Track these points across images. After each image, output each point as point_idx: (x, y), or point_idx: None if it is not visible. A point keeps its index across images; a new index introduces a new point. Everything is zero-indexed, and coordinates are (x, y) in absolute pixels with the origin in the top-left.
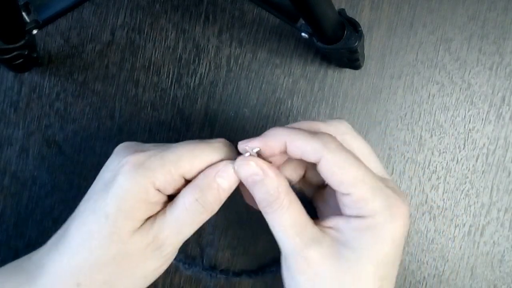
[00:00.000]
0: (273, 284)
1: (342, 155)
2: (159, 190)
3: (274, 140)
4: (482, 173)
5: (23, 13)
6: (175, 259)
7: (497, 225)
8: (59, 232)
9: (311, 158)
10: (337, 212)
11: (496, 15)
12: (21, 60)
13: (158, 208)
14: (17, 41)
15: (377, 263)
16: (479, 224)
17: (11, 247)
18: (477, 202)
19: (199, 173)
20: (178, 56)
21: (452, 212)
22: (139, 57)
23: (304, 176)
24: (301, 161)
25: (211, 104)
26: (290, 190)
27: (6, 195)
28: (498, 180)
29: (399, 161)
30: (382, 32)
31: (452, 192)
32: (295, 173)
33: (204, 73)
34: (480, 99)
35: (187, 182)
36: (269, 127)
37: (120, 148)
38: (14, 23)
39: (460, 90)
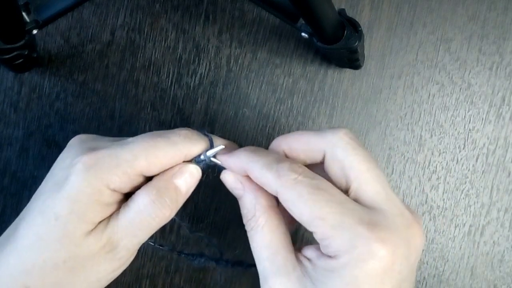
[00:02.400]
0: None
1: (296, 191)
2: (115, 190)
3: (235, 164)
4: (482, 173)
5: (23, 13)
6: (185, 254)
7: (497, 225)
8: (8, 231)
9: (270, 191)
10: None
11: (496, 15)
12: (21, 60)
13: (113, 209)
14: (17, 41)
15: None
16: (479, 224)
17: None
18: (477, 202)
19: (160, 170)
20: (178, 56)
21: (452, 212)
22: (139, 57)
23: None
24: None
25: (211, 104)
26: (271, 209)
27: (6, 195)
28: (498, 180)
29: (399, 161)
30: (382, 32)
31: (452, 192)
32: None
33: (204, 73)
34: (480, 99)
35: (148, 178)
36: (269, 127)
37: (74, 142)
38: (14, 23)
39: (460, 90)
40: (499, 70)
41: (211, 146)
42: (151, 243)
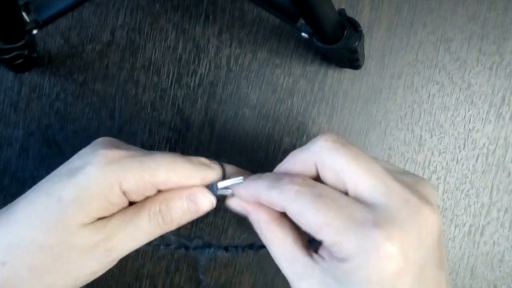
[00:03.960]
0: (273, 283)
1: (299, 203)
2: (124, 193)
3: (245, 194)
4: (482, 173)
5: (23, 13)
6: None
7: (497, 225)
8: (9, 205)
9: (279, 209)
10: None
11: (496, 15)
12: (21, 60)
13: (113, 211)
14: (17, 41)
15: None
16: (479, 224)
17: None
18: (477, 202)
19: (171, 187)
20: (178, 56)
21: (452, 212)
22: (139, 57)
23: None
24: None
25: (211, 104)
26: (274, 222)
27: (6, 195)
28: (498, 180)
29: (399, 161)
30: (382, 32)
31: (452, 192)
32: None
33: (204, 73)
34: (480, 99)
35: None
36: (269, 127)
37: (99, 141)
38: (14, 23)
39: (460, 90)
40: (499, 70)
41: (224, 176)
42: (156, 244)
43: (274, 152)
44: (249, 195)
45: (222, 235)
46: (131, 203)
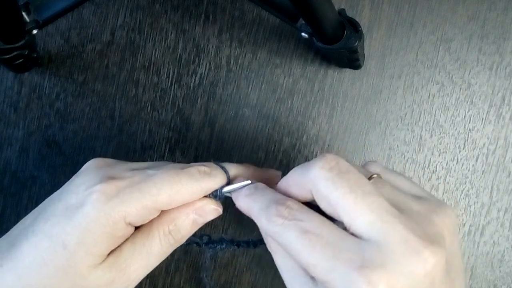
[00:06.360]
0: (273, 283)
1: (284, 237)
2: (130, 223)
3: (242, 206)
4: (482, 173)
5: (23, 13)
6: (197, 243)
7: (497, 225)
8: (4, 241)
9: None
10: None
11: (496, 15)
12: (21, 60)
13: (123, 240)
14: (17, 41)
15: None
16: (479, 224)
17: None
18: (477, 202)
19: (180, 205)
20: (178, 56)
21: None
22: (139, 57)
23: None
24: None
25: (211, 104)
26: None
27: (6, 195)
28: (498, 180)
29: (399, 161)
30: (382, 32)
31: (452, 192)
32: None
33: (204, 73)
34: (480, 99)
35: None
36: (269, 127)
37: (90, 167)
38: (14, 23)
39: (460, 90)
40: (499, 70)
41: (228, 179)
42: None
43: (274, 152)
44: (244, 210)
45: (222, 235)
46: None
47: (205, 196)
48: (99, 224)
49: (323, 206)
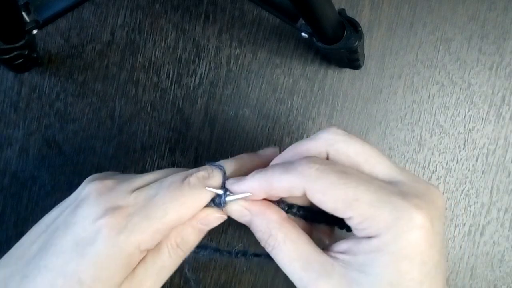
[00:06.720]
0: (273, 283)
1: (324, 180)
2: (145, 250)
3: (254, 187)
4: (482, 173)
5: (23, 13)
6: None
7: (497, 225)
8: (13, 268)
9: (297, 193)
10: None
11: (496, 15)
12: (21, 60)
13: (136, 264)
14: (17, 41)
15: (393, 285)
16: (479, 224)
17: (11, 247)
18: (477, 202)
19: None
20: (178, 56)
21: (452, 212)
22: (139, 57)
23: None
24: None
25: (211, 104)
26: (285, 222)
27: (6, 195)
28: (498, 180)
29: (399, 161)
30: (382, 32)
31: (452, 192)
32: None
33: (204, 73)
34: (480, 99)
35: None
36: (269, 127)
37: (91, 195)
38: (14, 23)
39: (460, 90)
40: (499, 70)
41: (224, 178)
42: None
43: None
44: (258, 188)
45: (222, 235)
46: None
47: (207, 206)
48: (113, 259)
49: (341, 159)
